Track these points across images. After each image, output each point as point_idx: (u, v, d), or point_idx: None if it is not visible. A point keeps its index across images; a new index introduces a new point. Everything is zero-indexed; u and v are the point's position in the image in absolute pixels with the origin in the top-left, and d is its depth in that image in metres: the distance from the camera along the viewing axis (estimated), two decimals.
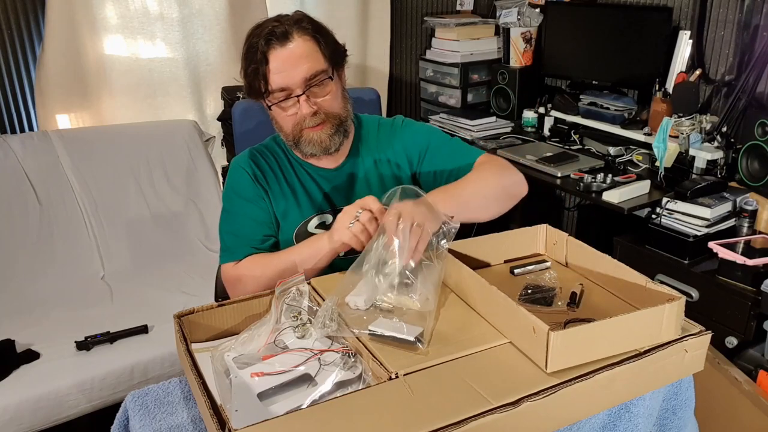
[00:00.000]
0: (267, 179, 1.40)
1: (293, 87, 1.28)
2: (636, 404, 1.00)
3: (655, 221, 2.00)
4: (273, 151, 1.44)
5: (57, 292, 2.29)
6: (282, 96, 1.29)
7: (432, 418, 0.81)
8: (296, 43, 1.27)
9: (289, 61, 1.27)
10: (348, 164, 1.44)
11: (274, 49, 1.27)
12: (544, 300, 1.11)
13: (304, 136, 1.33)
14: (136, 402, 1.01)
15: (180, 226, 2.62)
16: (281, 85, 1.27)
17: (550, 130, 2.70)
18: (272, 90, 1.28)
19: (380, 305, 1.09)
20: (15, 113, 2.72)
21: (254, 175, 1.40)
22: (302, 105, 1.28)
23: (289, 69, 1.27)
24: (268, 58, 1.26)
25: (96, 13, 2.72)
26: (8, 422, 1.75)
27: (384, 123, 1.51)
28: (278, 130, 1.38)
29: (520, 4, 2.84)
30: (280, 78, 1.27)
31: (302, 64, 1.27)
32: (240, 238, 1.38)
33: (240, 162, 1.43)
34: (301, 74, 1.27)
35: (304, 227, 1.40)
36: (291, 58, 1.27)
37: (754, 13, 2.14)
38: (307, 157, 1.39)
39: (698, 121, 2.16)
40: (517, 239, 1.29)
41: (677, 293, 0.99)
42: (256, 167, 1.41)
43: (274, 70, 1.27)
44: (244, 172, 1.41)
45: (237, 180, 1.42)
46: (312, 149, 1.34)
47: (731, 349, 1.80)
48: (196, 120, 2.91)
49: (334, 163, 1.43)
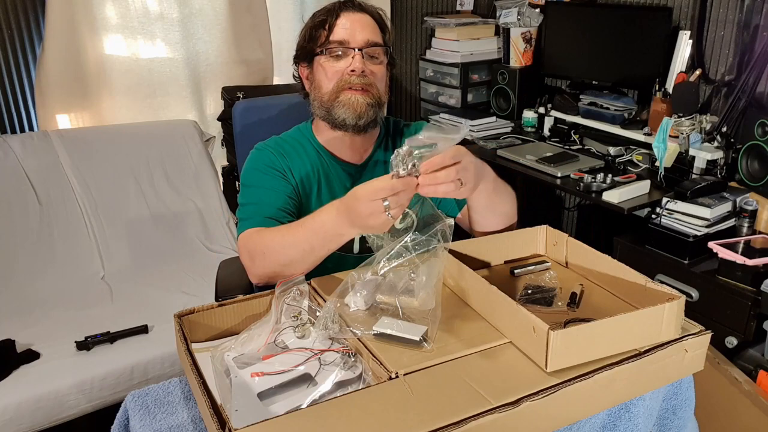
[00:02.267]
0: (291, 164, 1.40)
1: (353, 43, 1.33)
2: (636, 404, 1.00)
3: (655, 221, 2.00)
4: (299, 140, 1.45)
5: (57, 292, 2.29)
6: (339, 47, 1.33)
7: (432, 418, 0.81)
8: (366, 16, 1.37)
9: (358, 24, 1.35)
10: (371, 161, 1.45)
11: (347, 10, 1.36)
12: (544, 300, 1.11)
13: (342, 96, 1.34)
14: (136, 402, 1.01)
15: (180, 226, 2.62)
16: (343, 37, 1.33)
17: (550, 130, 2.70)
18: (333, 40, 1.33)
19: (380, 305, 1.09)
20: (15, 113, 2.72)
21: (280, 155, 1.40)
22: (356, 59, 1.33)
23: (356, 29, 1.34)
24: (339, 14, 1.35)
25: (96, 13, 2.72)
26: (8, 422, 1.75)
27: (409, 126, 1.54)
28: (315, 92, 1.39)
29: (520, 4, 2.84)
30: (344, 32, 1.33)
31: (367, 30, 1.35)
32: (259, 206, 1.31)
33: (266, 144, 1.44)
34: (365, 36, 1.34)
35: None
36: (360, 21, 1.35)
37: (754, 13, 2.14)
38: (336, 129, 1.38)
39: (698, 121, 2.16)
40: (517, 239, 1.29)
41: (677, 293, 0.99)
42: (282, 150, 1.41)
43: (341, 24, 1.34)
44: (269, 152, 1.41)
45: (260, 158, 1.40)
46: (345, 113, 1.34)
47: (731, 349, 1.80)
48: (196, 120, 2.91)
49: (358, 158, 1.44)
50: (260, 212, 1.30)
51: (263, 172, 1.38)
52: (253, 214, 1.31)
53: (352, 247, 1.41)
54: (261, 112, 1.89)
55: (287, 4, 3.26)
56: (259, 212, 1.30)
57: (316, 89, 1.39)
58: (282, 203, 1.33)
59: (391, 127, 1.52)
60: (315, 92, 1.39)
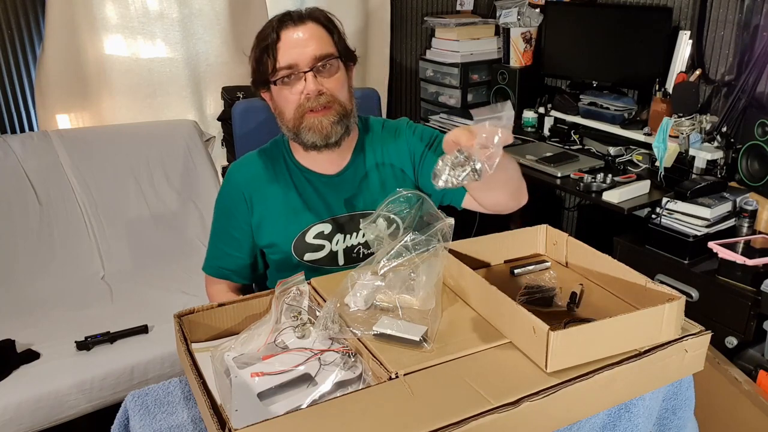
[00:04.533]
0: (261, 191, 1.39)
1: (301, 65, 1.27)
2: (636, 404, 1.00)
3: (655, 221, 2.00)
4: (273, 156, 1.42)
5: (57, 292, 2.28)
6: (288, 73, 1.28)
7: (432, 418, 0.81)
8: (309, 26, 1.29)
9: (300, 40, 1.27)
10: (350, 170, 1.41)
11: (287, 29, 1.28)
12: (544, 300, 1.11)
13: (305, 121, 1.30)
14: (136, 402, 1.01)
15: (180, 226, 2.62)
16: (289, 61, 1.27)
17: (550, 130, 2.70)
18: (279, 67, 1.27)
19: (380, 305, 1.09)
20: (15, 113, 2.72)
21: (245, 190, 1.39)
22: (308, 81, 1.27)
23: (300, 47, 1.27)
24: (279, 36, 1.27)
25: (96, 13, 2.72)
26: (8, 422, 1.75)
27: (389, 125, 1.49)
28: (280, 119, 1.36)
29: (520, 4, 2.84)
30: (289, 55, 1.27)
31: (313, 44, 1.28)
32: (215, 248, 1.46)
33: (235, 173, 1.43)
34: (311, 53, 1.27)
35: (302, 238, 1.37)
36: (302, 37, 1.28)
37: (754, 13, 2.14)
38: (308, 150, 1.35)
39: (698, 121, 2.16)
40: (517, 239, 1.29)
41: (677, 293, 0.99)
42: (250, 180, 1.40)
43: (283, 47, 1.27)
44: (236, 186, 1.41)
45: (225, 193, 1.44)
46: (313, 137, 1.31)
47: (731, 349, 1.80)
48: (196, 120, 2.91)
49: (336, 168, 1.40)
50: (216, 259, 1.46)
51: (223, 213, 1.44)
52: (211, 258, 1.47)
53: (336, 260, 1.40)
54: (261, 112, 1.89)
55: (287, 4, 3.26)
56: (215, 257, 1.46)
57: (279, 115, 1.35)
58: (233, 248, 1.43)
59: (371, 127, 1.47)
60: (279, 118, 1.36)
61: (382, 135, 1.46)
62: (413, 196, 1.20)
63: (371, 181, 1.42)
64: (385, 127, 1.48)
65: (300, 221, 1.37)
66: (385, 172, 1.43)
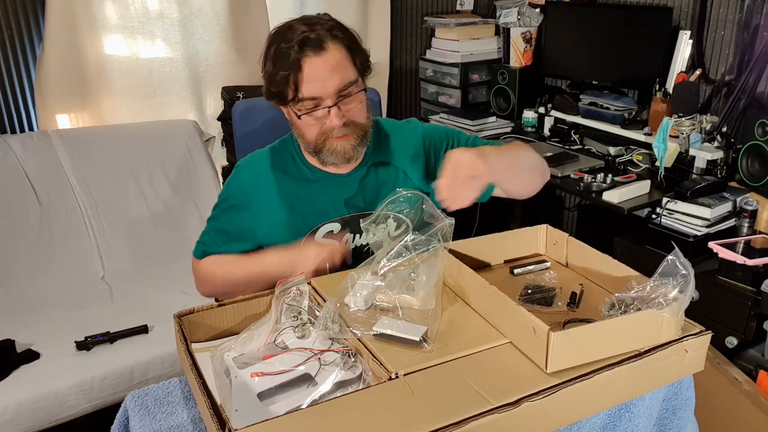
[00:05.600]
0: (270, 186, 1.38)
1: (325, 97, 1.24)
2: (636, 404, 1.00)
3: (655, 221, 2.00)
4: (282, 156, 1.42)
5: (57, 292, 2.28)
6: (311, 105, 1.25)
7: (432, 418, 0.81)
8: (330, 53, 1.23)
9: (323, 72, 1.22)
10: (360, 170, 1.41)
11: (308, 57, 1.22)
12: (544, 300, 1.11)
13: (327, 146, 1.30)
14: (136, 402, 1.01)
15: (180, 226, 2.62)
16: (313, 94, 1.24)
17: (550, 130, 2.70)
18: (302, 98, 1.24)
19: (380, 305, 1.09)
20: (15, 113, 2.72)
21: (256, 176, 1.39)
22: (333, 116, 1.25)
23: (323, 79, 1.23)
24: (301, 66, 1.22)
25: (96, 13, 2.72)
26: (8, 422, 1.75)
27: (399, 126, 1.49)
28: (299, 135, 1.34)
29: (520, 4, 2.84)
30: (312, 87, 1.23)
31: (336, 75, 1.24)
32: (207, 235, 1.44)
33: (245, 164, 1.43)
34: (334, 85, 1.23)
35: (312, 238, 1.37)
36: (325, 68, 1.23)
37: (754, 13, 2.14)
38: (326, 165, 1.37)
39: (698, 121, 2.16)
40: (517, 239, 1.29)
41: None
42: (259, 171, 1.40)
43: (307, 79, 1.22)
44: (242, 179, 1.41)
45: (230, 186, 1.43)
46: (334, 159, 1.32)
47: (731, 349, 1.80)
48: (196, 120, 2.91)
49: (347, 168, 1.40)
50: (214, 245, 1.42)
51: (226, 207, 1.42)
52: (207, 246, 1.43)
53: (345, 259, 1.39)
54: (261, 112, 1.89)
55: (287, 4, 3.26)
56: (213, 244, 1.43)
57: (297, 131, 1.34)
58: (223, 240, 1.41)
59: (381, 128, 1.47)
60: (297, 133, 1.35)
61: (393, 135, 1.46)
62: (413, 195, 1.20)
63: (381, 180, 1.42)
64: (395, 128, 1.48)
65: (310, 220, 1.38)
66: (394, 172, 1.43)
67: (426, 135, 1.46)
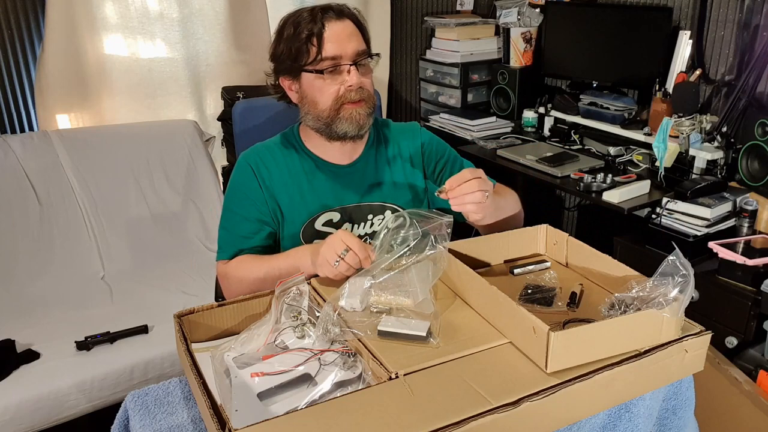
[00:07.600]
0: (272, 175, 1.40)
1: (345, 57, 1.30)
2: (636, 404, 1.00)
3: (655, 221, 1.99)
4: (283, 147, 1.44)
5: (57, 292, 2.29)
6: (333, 64, 1.30)
7: (432, 418, 0.81)
8: (348, 23, 1.33)
9: (344, 34, 1.31)
10: (361, 162, 1.44)
11: (331, 19, 1.30)
12: (544, 300, 1.11)
13: (343, 111, 1.32)
14: (136, 402, 1.01)
15: (180, 226, 2.62)
16: (335, 53, 1.29)
17: (550, 130, 2.70)
18: (325, 57, 1.29)
19: (377, 306, 1.08)
20: (15, 113, 2.72)
21: (257, 172, 1.40)
22: (353, 74, 1.30)
23: (344, 41, 1.30)
24: (324, 26, 1.29)
25: (96, 13, 2.72)
26: (8, 422, 1.75)
27: (400, 127, 1.53)
28: (311, 108, 1.35)
29: (520, 4, 2.84)
30: (334, 47, 1.29)
31: (354, 39, 1.32)
32: (231, 234, 1.39)
33: (246, 157, 1.43)
34: (354, 47, 1.31)
35: (311, 225, 1.39)
36: (345, 31, 1.31)
37: (754, 13, 2.14)
38: (333, 140, 1.38)
39: (698, 121, 2.16)
40: (517, 239, 1.29)
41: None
42: (261, 163, 1.41)
43: (329, 38, 1.29)
44: (248, 167, 1.41)
45: (237, 177, 1.42)
46: (347, 127, 1.34)
47: (731, 349, 1.80)
48: (196, 120, 2.91)
49: (348, 159, 1.43)
50: (234, 244, 1.38)
51: (239, 194, 1.41)
52: (227, 246, 1.39)
53: None
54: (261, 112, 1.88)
55: (287, 4, 3.26)
56: (232, 243, 1.38)
57: (309, 104, 1.35)
58: (251, 231, 1.38)
59: (379, 125, 1.51)
60: (309, 107, 1.36)
61: (394, 133, 1.51)
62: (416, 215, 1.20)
63: (381, 174, 1.45)
64: (397, 126, 1.53)
65: (310, 208, 1.39)
66: (395, 169, 1.47)
67: (426, 139, 1.52)
